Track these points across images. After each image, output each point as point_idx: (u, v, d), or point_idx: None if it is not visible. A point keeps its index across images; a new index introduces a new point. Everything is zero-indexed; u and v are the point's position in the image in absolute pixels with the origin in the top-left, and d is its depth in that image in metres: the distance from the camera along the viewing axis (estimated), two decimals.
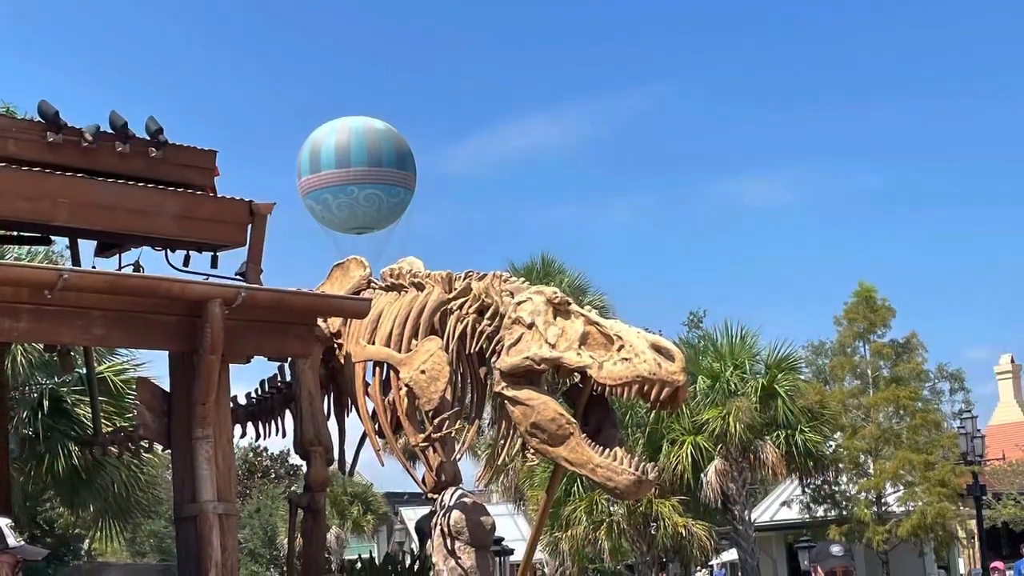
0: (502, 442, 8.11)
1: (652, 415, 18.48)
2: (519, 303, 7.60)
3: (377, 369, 8.88)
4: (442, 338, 8.31)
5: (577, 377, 7.41)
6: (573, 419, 7.28)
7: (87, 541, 20.39)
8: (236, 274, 7.77)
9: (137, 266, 7.91)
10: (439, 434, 8.34)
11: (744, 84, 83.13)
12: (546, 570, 25.48)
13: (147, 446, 10.48)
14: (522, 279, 8.60)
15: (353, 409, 9.32)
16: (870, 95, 78.35)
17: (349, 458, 9.72)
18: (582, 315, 7.37)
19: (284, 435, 9.91)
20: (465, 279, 8.49)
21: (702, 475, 19.01)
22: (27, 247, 11.59)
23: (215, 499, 6.96)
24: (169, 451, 7.69)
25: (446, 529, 8.38)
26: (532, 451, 7.59)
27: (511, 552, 21.17)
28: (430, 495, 8.76)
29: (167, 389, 7.43)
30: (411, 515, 30.82)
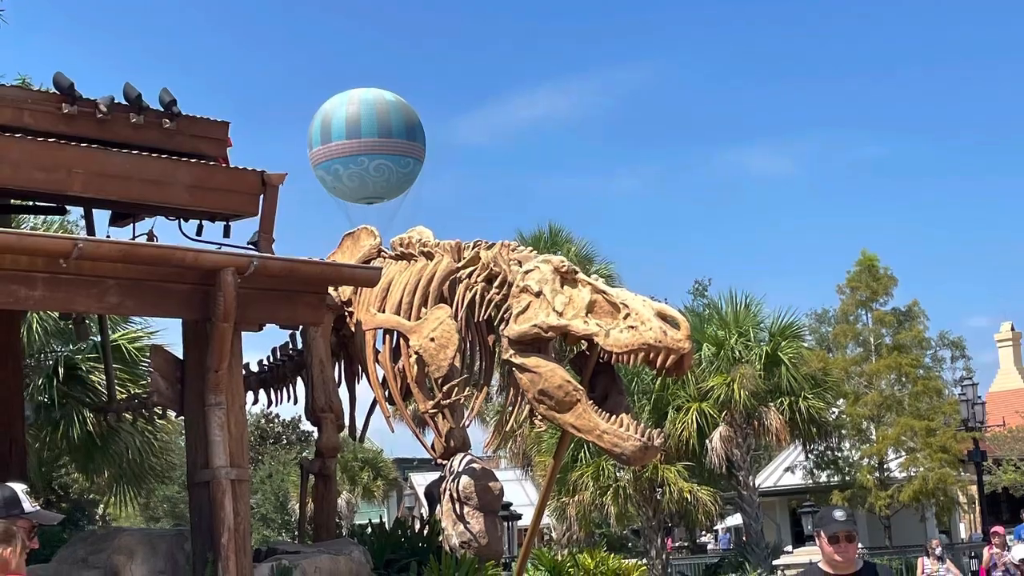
0: (510, 409, 8.24)
1: (658, 382, 18.59)
2: (527, 272, 7.69)
3: (387, 337, 9.01)
4: (451, 306, 8.42)
5: (584, 345, 7.52)
6: (580, 386, 7.40)
7: (101, 506, 20.66)
8: (248, 243, 7.86)
9: (151, 235, 8.01)
10: (448, 401, 8.47)
11: (748, 57, 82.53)
12: (553, 535, 25.74)
13: (161, 413, 10.64)
14: (530, 248, 8.70)
15: (363, 376, 9.45)
16: (873, 67, 77.72)
17: (360, 424, 9.87)
18: (589, 284, 7.46)
19: (296, 402, 10.05)
20: (474, 248, 8.58)
21: (707, 441, 19.16)
22: (42, 216, 11.69)
23: (228, 465, 7.06)
24: (182, 417, 7.81)
25: (455, 494, 8.54)
26: (540, 417, 7.72)
27: (519, 517, 21.34)
28: (439, 461, 8.91)
29: (180, 356, 7.53)
30: (421, 480, 31.02)
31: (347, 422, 9.59)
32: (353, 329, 9.28)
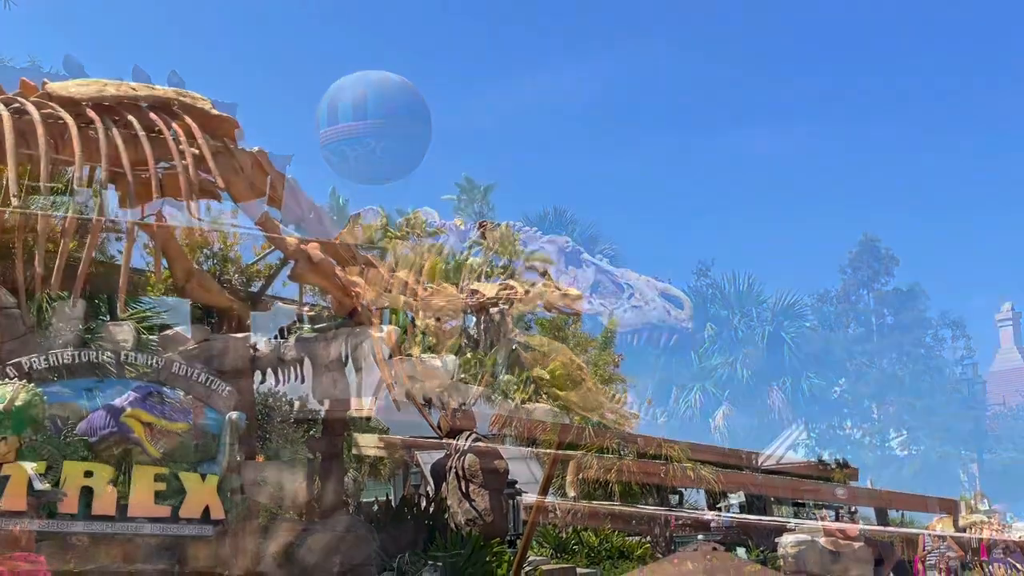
0: (515, 387, 8.34)
1: (661, 361, 18.70)
2: (532, 252, 7.77)
3: (393, 316, 9.09)
4: (457, 286, 8.50)
5: (588, 324, 7.62)
6: (584, 365, 7.49)
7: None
8: (255, 223, 7.91)
9: (159, 216, 8.06)
10: (454, 380, 8.56)
11: (751, 41, 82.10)
12: (557, 512, 25.88)
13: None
14: (536, 229, 8.78)
15: (370, 355, 9.52)
16: (874, 51, 77.31)
17: (367, 403, 9.93)
18: (593, 264, 7.55)
19: (303, 380, 10.11)
20: (479, 229, 8.65)
21: (710, 419, 19.29)
22: (52, 197, 11.72)
23: (236, 444, 7.14)
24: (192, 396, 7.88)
25: (461, 472, 8.65)
26: (545, 395, 7.81)
27: (523, 494, 21.49)
28: (445, 439, 9.02)
29: (190, 336, 7.61)
30: (427, 459, 31.18)
31: (354, 401, 9.65)
32: (360, 308, 9.34)
